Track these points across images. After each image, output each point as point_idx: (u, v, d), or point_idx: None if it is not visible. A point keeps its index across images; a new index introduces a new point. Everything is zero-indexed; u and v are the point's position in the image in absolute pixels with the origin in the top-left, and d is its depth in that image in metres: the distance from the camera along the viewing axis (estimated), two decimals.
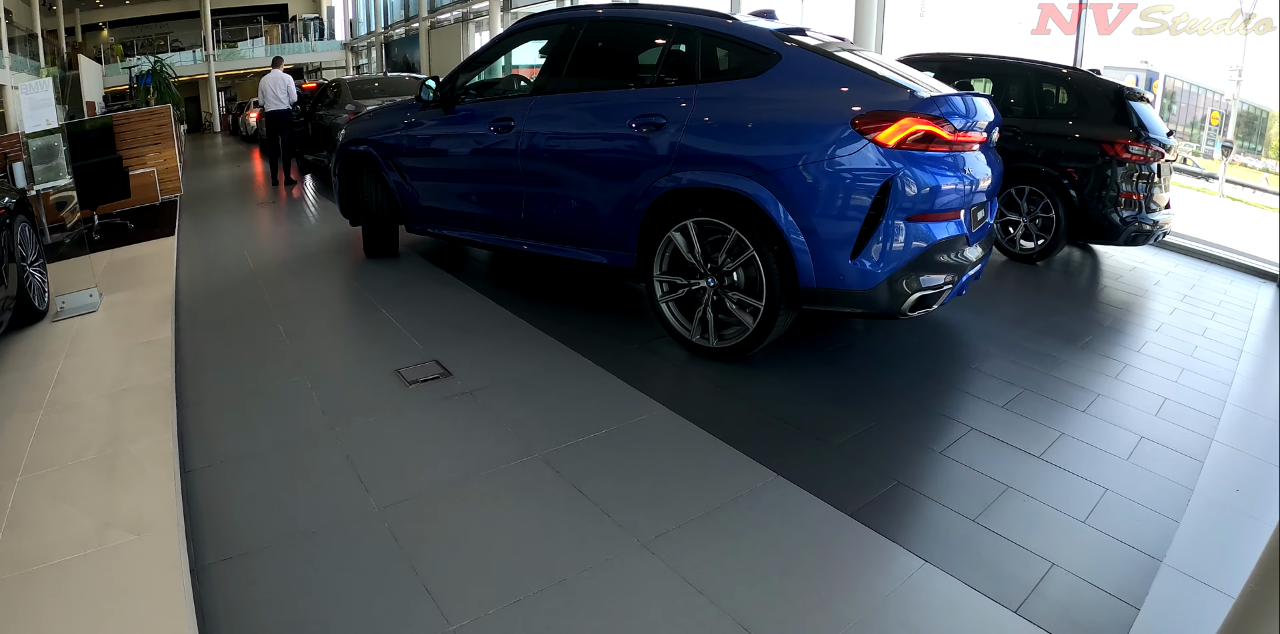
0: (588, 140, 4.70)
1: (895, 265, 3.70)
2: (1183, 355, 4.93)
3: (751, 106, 4.01)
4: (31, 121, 6.79)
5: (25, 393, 4.19)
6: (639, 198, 4.34)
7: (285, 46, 41.93)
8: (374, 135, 6.22)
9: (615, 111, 4.52)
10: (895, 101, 3.70)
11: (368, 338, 4.98)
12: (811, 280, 3.79)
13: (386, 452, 3.38)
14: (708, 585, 2.47)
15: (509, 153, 5.05)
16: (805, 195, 3.72)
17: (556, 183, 4.84)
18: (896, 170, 3.61)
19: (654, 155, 4.25)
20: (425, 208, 5.93)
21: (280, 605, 2.45)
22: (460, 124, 5.55)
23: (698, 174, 4.06)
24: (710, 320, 4.19)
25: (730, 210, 3.97)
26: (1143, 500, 3.10)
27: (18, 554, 2.71)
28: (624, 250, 4.55)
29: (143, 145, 11.00)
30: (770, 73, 4.01)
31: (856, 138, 3.64)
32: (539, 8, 23.17)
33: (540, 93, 5.10)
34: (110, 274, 6.79)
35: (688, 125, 4.13)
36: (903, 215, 3.66)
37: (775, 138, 3.85)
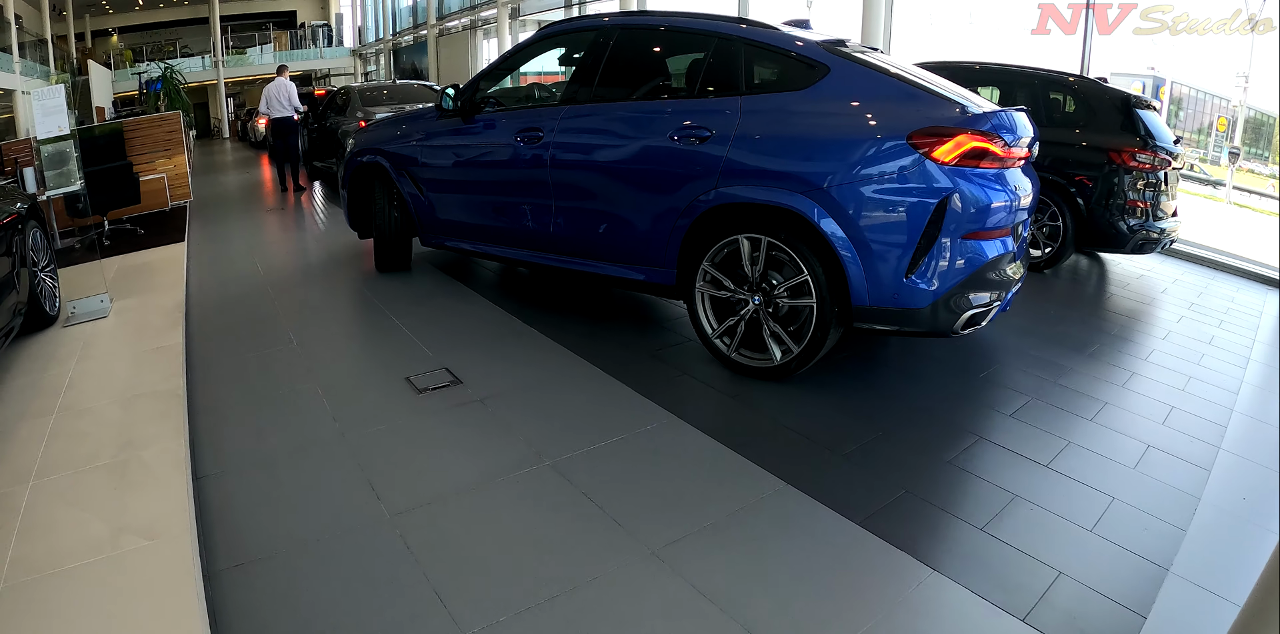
0: (625, 152, 4.49)
1: (950, 284, 3.65)
2: (1190, 364, 4.92)
3: (802, 120, 3.89)
4: (44, 128, 6.81)
5: (37, 398, 4.22)
6: (682, 213, 4.19)
7: (294, 53, 41.99)
8: (387, 145, 6.02)
9: (655, 123, 4.36)
10: (950, 117, 3.62)
11: (378, 345, 5.00)
12: (864, 298, 3.70)
13: (397, 459, 3.40)
14: (717, 594, 2.49)
15: (538, 164, 4.87)
16: (860, 212, 3.63)
17: (590, 196, 4.68)
18: (953, 188, 3.54)
19: (699, 169, 4.10)
20: (442, 221, 5.73)
21: (292, 612, 2.47)
22: (482, 134, 5.35)
23: (748, 189, 3.93)
24: (752, 336, 4.09)
25: (779, 227, 3.86)
26: (1150, 509, 3.11)
27: (31, 559, 2.73)
28: (663, 266, 4.40)
29: (153, 151, 11.04)
30: (819, 85, 3.91)
31: (913, 154, 3.56)
32: (546, 15, 23.27)
33: (571, 103, 4.90)
34: (121, 280, 6.81)
35: (735, 138, 3.99)
36: (958, 233, 3.60)
37: (829, 153, 3.74)
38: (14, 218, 5.03)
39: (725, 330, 4.20)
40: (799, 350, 3.91)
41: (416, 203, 5.85)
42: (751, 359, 4.13)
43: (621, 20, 4.98)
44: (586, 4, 20.52)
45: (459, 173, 5.54)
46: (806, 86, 3.94)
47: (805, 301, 3.83)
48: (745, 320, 4.09)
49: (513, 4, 23.20)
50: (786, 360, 3.97)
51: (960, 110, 3.65)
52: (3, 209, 4.97)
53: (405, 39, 33.98)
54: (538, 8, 23.62)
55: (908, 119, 3.64)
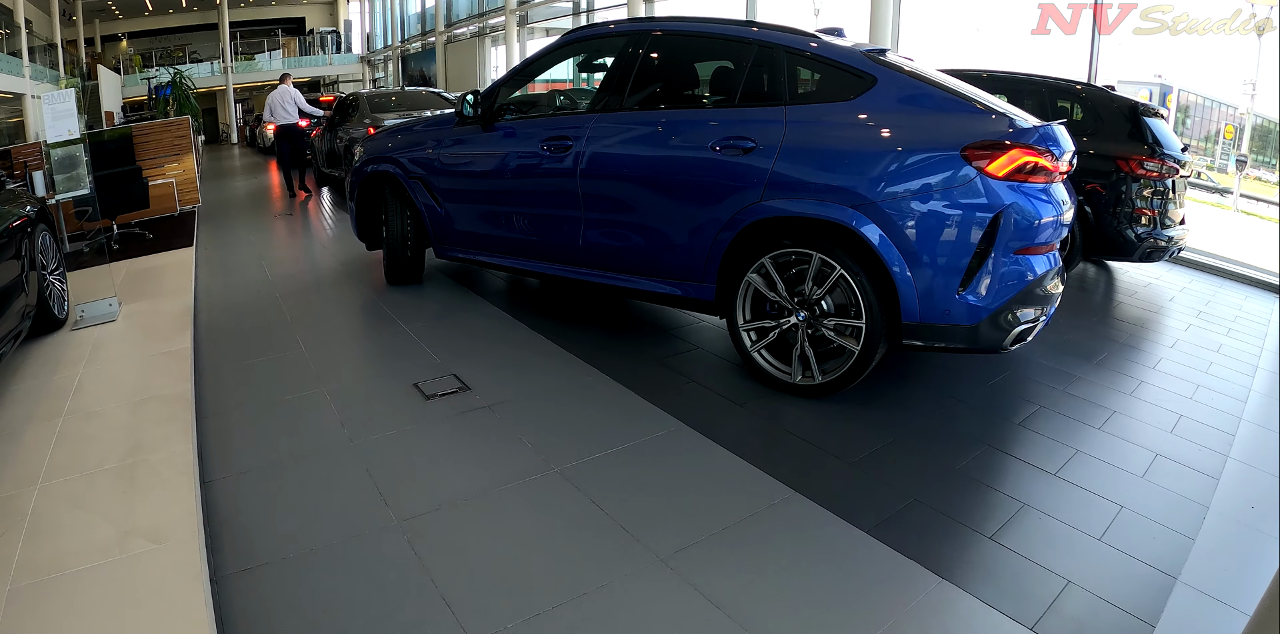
0: (663, 163, 4.32)
1: (1002, 300, 3.59)
2: (1198, 372, 4.91)
3: (852, 132, 3.80)
4: (53, 132, 6.85)
5: (45, 401, 4.23)
6: (724, 226, 4.05)
7: (302, 59, 42.23)
8: (400, 153, 5.83)
9: (695, 133, 4.23)
10: (1002, 131, 3.56)
11: (386, 351, 5.00)
12: (914, 315, 3.62)
13: (405, 465, 3.41)
14: (726, 601, 2.48)
15: (566, 174, 4.71)
16: (913, 227, 3.55)
17: (623, 208, 4.52)
18: (1007, 202, 3.49)
19: (742, 181, 3.97)
20: (460, 232, 5.56)
21: (300, 616, 2.47)
22: (504, 142, 5.18)
23: (796, 203, 3.81)
24: (807, 355, 3.95)
25: (827, 241, 3.77)
26: (1158, 518, 3.10)
27: (38, 561, 2.74)
28: (701, 281, 4.25)
29: (162, 156, 11.07)
30: (867, 96, 3.81)
31: (968, 168, 3.49)
32: (554, 24, 23.35)
33: (601, 110, 4.75)
34: (129, 284, 6.84)
35: (782, 150, 3.86)
36: (1010, 248, 3.55)
37: (881, 166, 3.64)
38: (23, 221, 5.04)
39: (765, 345, 4.10)
40: (846, 368, 3.83)
41: (432, 214, 5.67)
42: (792, 375, 4.02)
43: (654, 26, 4.84)
44: (594, 12, 20.56)
45: (479, 183, 5.38)
46: (853, 97, 3.84)
47: (853, 321, 3.75)
48: (788, 336, 4.00)
49: (521, 12, 23.28)
50: (829, 379, 3.89)
51: (1009, 124, 3.58)
52: (12, 212, 4.98)
53: (414, 46, 34.09)
54: (546, 15, 23.73)
55: (960, 132, 3.58)
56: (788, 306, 3.95)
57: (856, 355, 3.76)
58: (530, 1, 23.10)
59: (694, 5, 16.36)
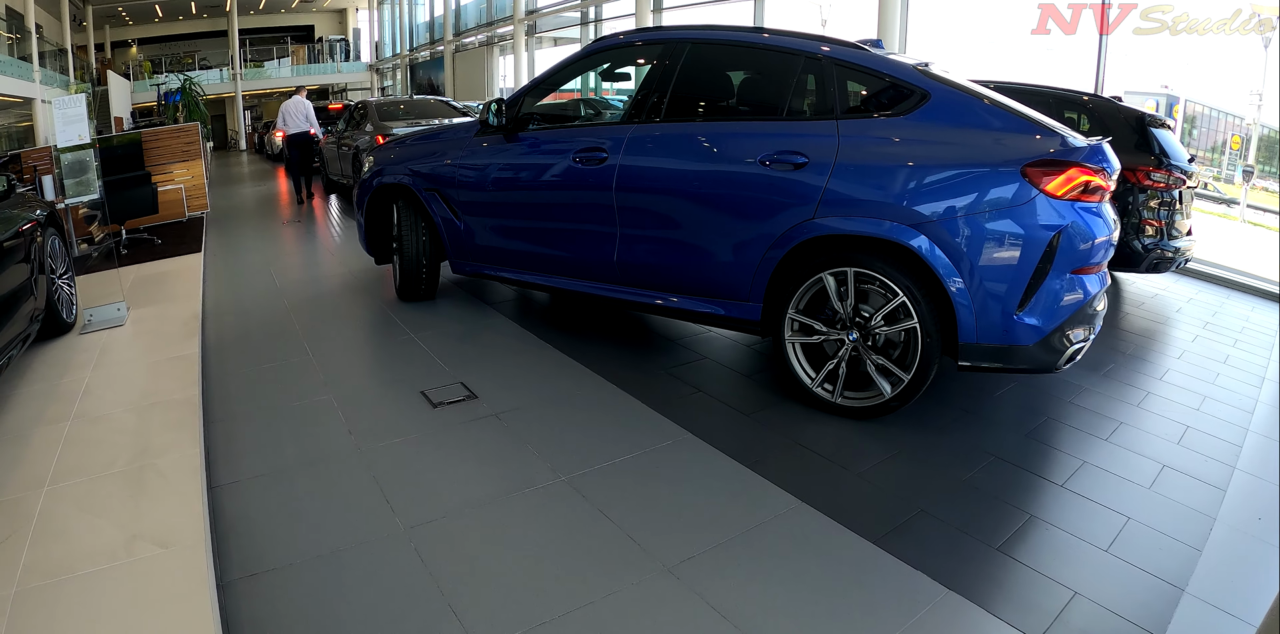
0: (708, 177, 4.16)
1: (1059, 320, 3.54)
2: (1205, 383, 4.90)
3: (908, 148, 3.69)
4: (64, 136, 6.87)
5: (53, 404, 4.24)
6: (773, 244, 3.91)
7: (311, 67, 42.37)
8: (415, 164, 5.60)
9: (742, 146, 4.06)
10: (1061, 150, 3.49)
11: (394, 359, 5.00)
12: (972, 336, 3.55)
13: (412, 472, 3.41)
14: (732, 611, 2.49)
15: (600, 188, 4.51)
16: (973, 247, 3.48)
17: (662, 224, 4.34)
18: (1065, 222, 3.44)
19: (794, 197, 3.84)
20: (481, 247, 5.33)
21: (305, 623, 2.48)
22: (531, 153, 5.00)
23: (851, 221, 3.69)
24: (843, 375, 3.87)
25: (881, 260, 3.67)
26: (1165, 529, 3.09)
27: (44, 564, 2.75)
28: (747, 300, 4.10)
29: (171, 162, 11.14)
30: (921, 111, 3.72)
31: (1027, 187, 3.43)
32: (562, 33, 23.43)
33: (636, 121, 4.54)
34: (138, 289, 6.86)
35: (837, 166, 3.75)
36: (1067, 268, 3.50)
37: (939, 184, 3.56)
38: (32, 225, 5.06)
39: (814, 364, 3.98)
40: (900, 388, 3.72)
41: (449, 227, 5.45)
42: (847, 398, 3.90)
43: (693, 34, 4.60)
44: (602, 22, 20.63)
45: (503, 195, 5.17)
46: (907, 113, 3.76)
47: (908, 323, 3.65)
48: (840, 357, 3.86)
49: (529, 22, 23.35)
50: (879, 401, 3.79)
51: (1063, 141, 3.52)
52: (21, 216, 5.00)
53: (422, 54, 34.21)
54: (554, 25, 23.81)
55: (1018, 150, 3.51)
56: (836, 328, 3.85)
57: (910, 378, 3.68)
58: (539, 11, 23.17)
59: (701, 13, 16.37)
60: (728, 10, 16.54)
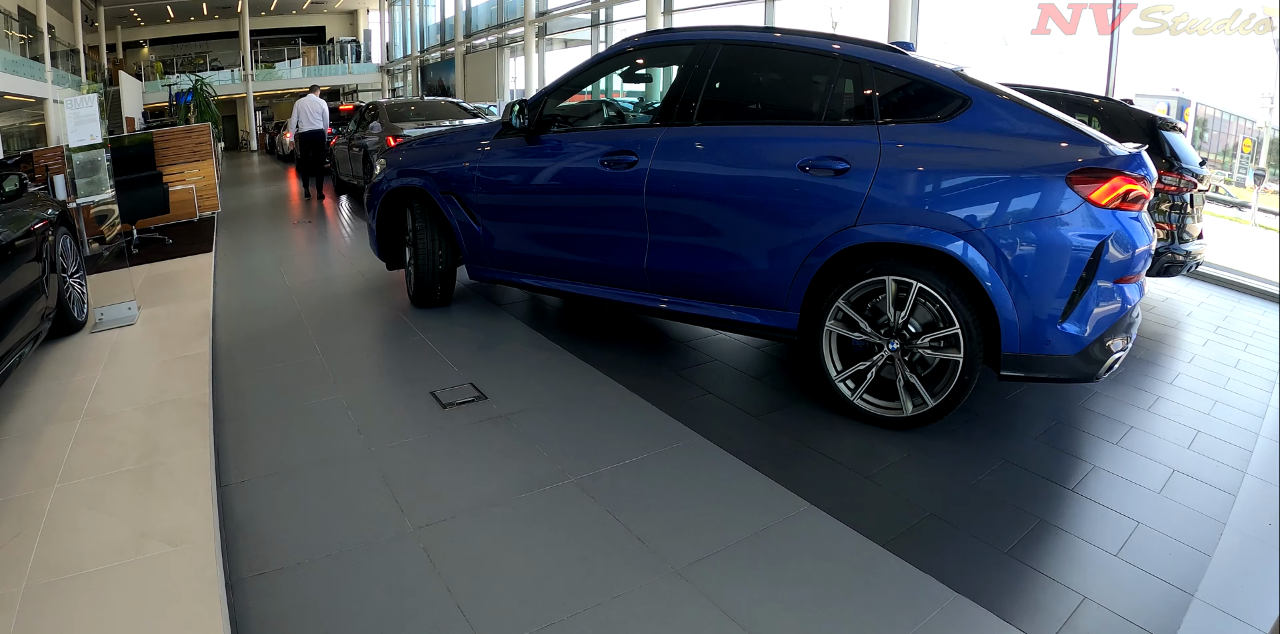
0: (745, 183, 4.06)
1: (1101, 329, 3.52)
2: (1215, 387, 4.89)
3: (952, 155, 3.63)
4: (76, 136, 6.89)
5: (64, 402, 4.25)
6: (813, 252, 3.83)
7: (322, 68, 42.49)
8: (431, 167, 5.46)
9: (780, 151, 3.97)
10: (1104, 158, 3.46)
11: (404, 359, 5.01)
12: (1015, 346, 3.51)
13: (422, 472, 3.42)
14: (740, 613, 2.48)
15: (630, 192, 4.39)
16: (1018, 256, 3.44)
17: (696, 230, 4.24)
18: (1110, 231, 3.41)
19: (835, 204, 3.76)
20: (501, 253, 5.19)
21: (314, 622, 2.48)
22: (555, 156, 4.87)
23: (894, 229, 3.63)
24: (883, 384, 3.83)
25: (925, 268, 3.61)
26: (1175, 534, 3.08)
27: (53, 561, 2.75)
28: (783, 309, 4.02)
29: (182, 162, 11.18)
30: (963, 117, 3.66)
31: (1073, 196, 3.40)
32: (573, 35, 23.45)
33: (667, 124, 4.41)
34: (148, 288, 6.89)
35: (879, 173, 3.68)
36: (1110, 277, 3.48)
37: (984, 191, 3.51)
38: (44, 224, 5.08)
39: (852, 375, 3.90)
40: (937, 402, 3.68)
41: (467, 232, 5.31)
42: (882, 408, 3.85)
43: (724, 35, 4.48)
44: (612, 24, 20.65)
45: (525, 199, 5.05)
46: (949, 118, 3.70)
47: (951, 354, 3.60)
48: (878, 368, 3.81)
49: (540, 23, 23.39)
50: (920, 412, 3.74)
51: (1104, 149, 3.50)
52: (33, 215, 5.02)
53: (433, 56, 34.28)
54: (564, 27, 23.84)
55: (1063, 158, 3.48)
56: (878, 339, 3.77)
57: (951, 389, 3.64)
58: (549, 13, 23.21)
59: (711, 15, 16.36)
60: (739, 12, 16.53)
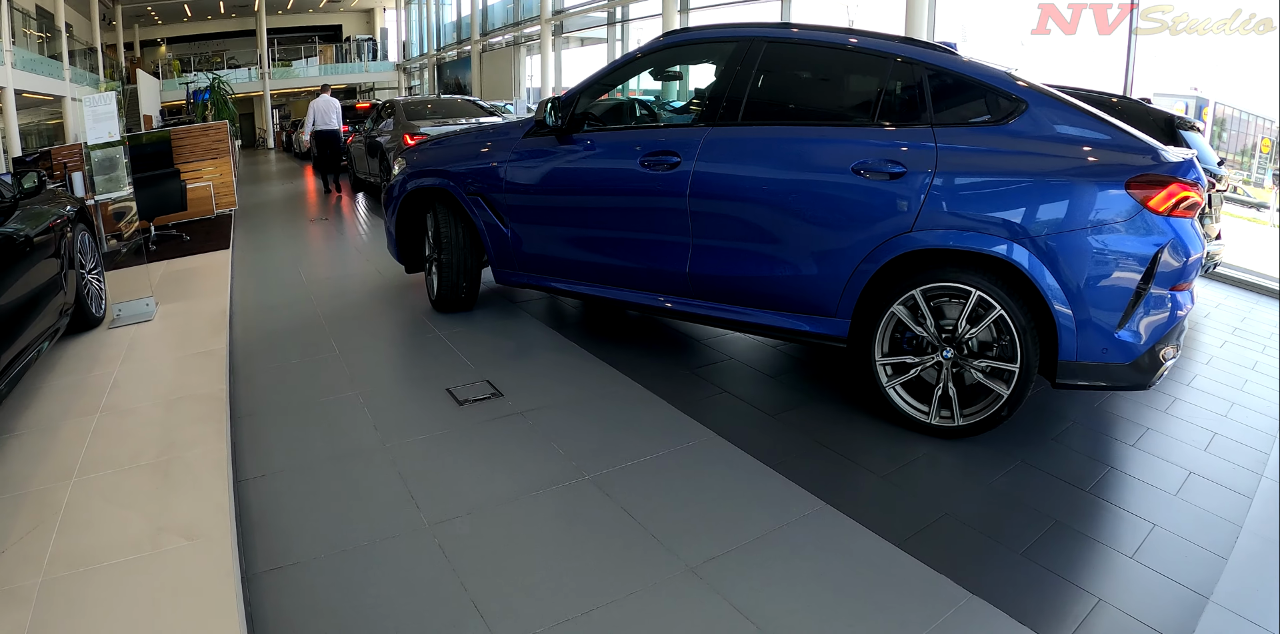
0: (796, 186, 3.93)
1: (1156, 337, 3.48)
2: (1232, 389, 4.86)
3: (1009, 159, 3.55)
4: (94, 133, 6.93)
5: (81, 397, 4.29)
6: (866, 257, 3.72)
7: (338, 66, 42.62)
8: (455, 166, 5.29)
9: (831, 153, 3.87)
10: (1161, 164, 3.39)
11: (420, 356, 5.04)
12: (1072, 354, 3.45)
13: (438, 469, 3.43)
14: (754, 611, 2.48)
15: (672, 194, 4.24)
16: (1078, 263, 3.38)
17: (743, 235, 4.10)
18: (1167, 239, 3.36)
19: (891, 209, 3.67)
20: (529, 256, 5.02)
21: (329, 616, 2.49)
22: (590, 156, 4.72)
23: (952, 235, 3.55)
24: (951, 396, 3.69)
25: (981, 275, 3.54)
26: (1191, 537, 3.06)
27: (71, 554, 2.78)
28: (834, 316, 3.91)
29: (200, 159, 11.24)
30: (1019, 121, 3.58)
31: (1131, 202, 3.34)
32: (589, 33, 23.47)
33: (710, 123, 4.28)
34: (166, 285, 6.93)
35: (937, 177, 3.58)
36: (1165, 285, 3.43)
37: (1044, 197, 3.44)
38: (63, 221, 5.12)
39: (902, 384, 3.81)
40: (996, 408, 3.60)
41: (494, 234, 5.13)
42: (940, 417, 3.75)
43: (769, 33, 4.35)
44: (629, 22, 20.67)
45: (558, 200, 4.90)
46: (1005, 122, 3.62)
47: (1006, 364, 3.54)
48: (943, 379, 3.70)
49: (556, 22, 23.41)
50: (973, 422, 3.67)
51: (1158, 155, 3.43)
52: (52, 212, 5.05)
53: (449, 54, 34.35)
54: (581, 25, 23.87)
55: (1120, 164, 3.42)
56: (934, 344, 3.69)
57: (1006, 397, 3.56)
58: (565, 11, 23.23)
59: (727, 13, 16.34)
60: (756, 10, 16.52)
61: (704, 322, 4.46)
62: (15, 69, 21.00)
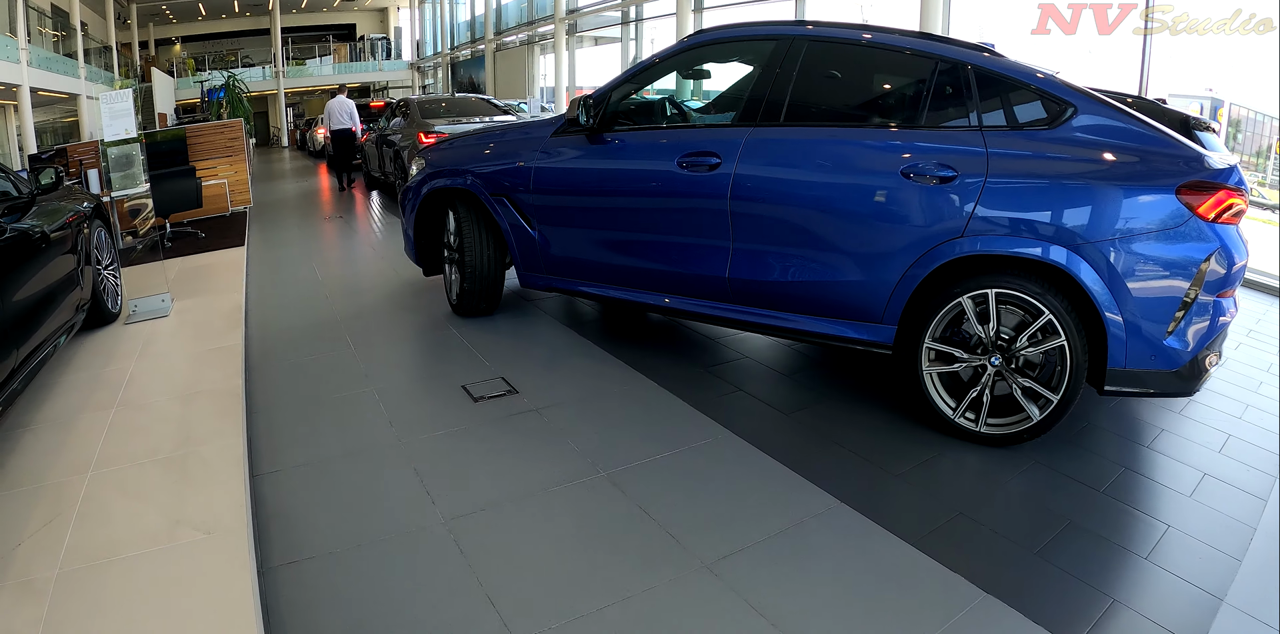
0: (843, 189, 3.85)
1: (1202, 343, 3.46)
2: (1247, 391, 4.83)
3: (1060, 164, 3.49)
4: (110, 131, 6.99)
5: (98, 392, 4.31)
6: (916, 263, 3.65)
7: (352, 65, 42.79)
8: (478, 166, 5.13)
9: (880, 156, 3.81)
10: (1209, 170, 3.36)
11: (435, 353, 5.06)
12: (1122, 361, 3.42)
13: (453, 464, 3.44)
14: (769, 608, 2.49)
15: (712, 196, 4.12)
16: (1129, 270, 3.35)
17: (787, 239, 4.00)
18: (1216, 245, 3.32)
19: (941, 213, 3.61)
20: (558, 259, 4.87)
21: (345, 610, 2.51)
22: (623, 156, 4.58)
23: (1004, 241, 3.50)
24: (986, 402, 3.65)
25: (1032, 282, 3.50)
26: (1205, 538, 3.05)
27: (87, 546, 2.80)
28: (880, 322, 3.83)
29: (215, 157, 11.29)
30: (1069, 125, 3.53)
31: (1182, 209, 3.30)
32: (603, 32, 23.50)
33: (750, 124, 4.17)
34: (182, 281, 6.96)
35: (988, 181, 3.52)
36: (1213, 291, 3.40)
37: (1097, 203, 3.39)
38: (79, 217, 5.15)
39: (951, 391, 3.75)
40: (1044, 415, 3.55)
41: (520, 236, 4.97)
42: (991, 425, 3.68)
43: (810, 31, 4.24)
44: (643, 21, 20.68)
45: (589, 201, 4.76)
46: (1055, 126, 3.56)
47: (1052, 357, 3.52)
48: (984, 383, 3.64)
49: (570, 21, 23.43)
50: (1021, 429, 3.61)
51: (1205, 161, 3.39)
52: (69, 208, 5.08)
53: (463, 53, 34.41)
54: (594, 24, 23.90)
55: (1169, 170, 3.38)
56: (980, 351, 3.64)
57: (1055, 404, 3.53)
58: (579, 10, 23.26)
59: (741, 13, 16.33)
60: (770, 9, 16.52)
61: (741, 327, 4.37)
62: (31, 67, 21.11)
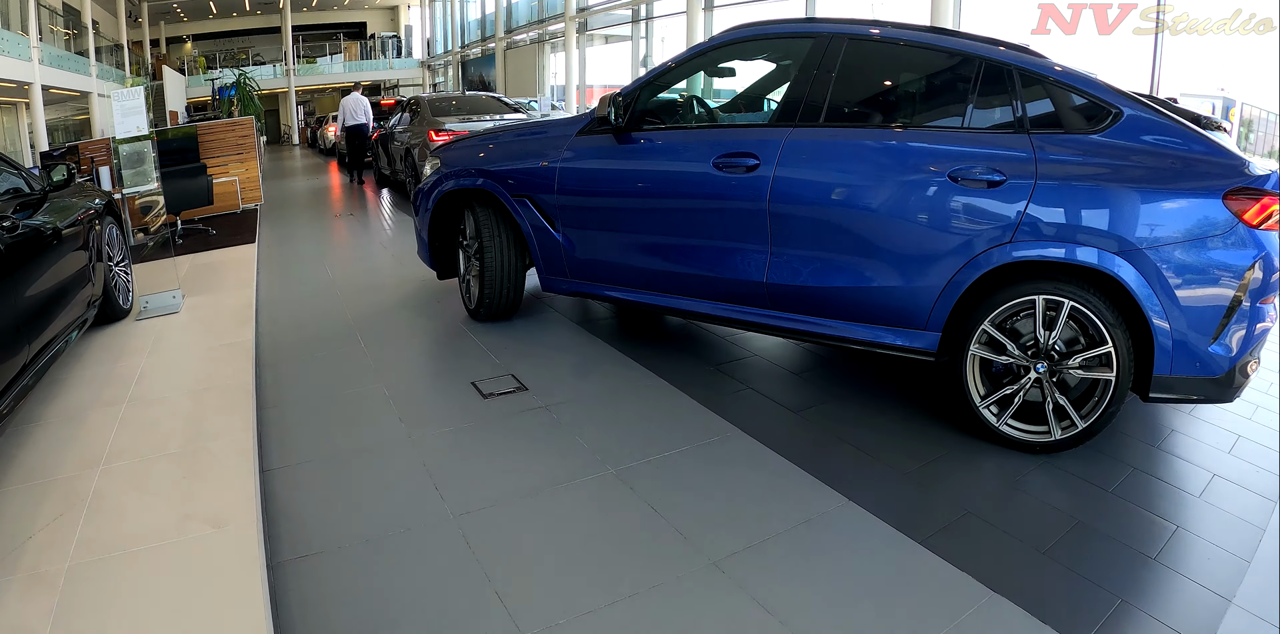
0: (889, 192, 3.76)
1: (1245, 350, 3.43)
2: (1257, 392, 4.79)
3: (1108, 169, 3.44)
4: (122, 128, 6.99)
5: (109, 387, 4.33)
6: (963, 268, 3.58)
7: (363, 63, 42.90)
8: (498, 166, 4.96)
9: (926, 159, 3.72)
10: (1254, 176, 3.30)
11: (444, 350, 5.07)
12: (1168, 368, 3.39)
13: (462, 461, 3.45)
14: (777, 606, 2.49)
15: (749, 199, 4.01)
16: (1175, 276, 3.32)
17: (829, 243, 3.90)
18: (1261, 252, 3.30)
19: (990, 218, 3.54)
20: (583, 262, 4.73)
21: (353, 605, 2.51)
22: (654, 157, 4.47)
23: (1054, 247, 3.44)
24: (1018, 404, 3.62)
25: (1079, 288, 3.45)
26: (1214, 539, 3.04)
27: (98, 540, 2.81)
28: (923, 328, 3.75)
29: (226, 155, 11.33)
30: (1115, 129, 3.48)
31: (1228, 215, 3.27)
32: (613, 31, 23.51)
33: (788, 124, 4.06)
34: (192, 278, 6.99)
35: (1037, 186, 3.46)
36: (1257, 298, 3.37)
37: (1145, 209, 3.36)
38: (91, 213, 5.17)
39: (997, 400, 3.66)
40: (1090, 422, 3.51)
41: (542, 239, 4.82)
42: (1028, 432, 3.64)
43: (851, 29, 4.13)
44: (653, 20, 20.69)
45: (617, 203, 4.61)
46: (1101, 130, 3.50)
47: (1103, 374, 3.45)
48: (1025, 390, 3.60)
49: (580, 19, 23.46)
50: (1069, 435, 3.56)
51: (1248, 167, 3.34)
52: (80, 205, 5.10)
53: (473, 51, 34.49)
54: (605, 23, 23.92)
55: (1217, 175, 3.34)
56: (1026, 360, 3.57)
57: (1100, 412, 3.49)
58: (590, 9, 23.28)
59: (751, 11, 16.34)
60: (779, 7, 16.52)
61: (777, 333, 4.27)
62: (43, 65, 21.22)
